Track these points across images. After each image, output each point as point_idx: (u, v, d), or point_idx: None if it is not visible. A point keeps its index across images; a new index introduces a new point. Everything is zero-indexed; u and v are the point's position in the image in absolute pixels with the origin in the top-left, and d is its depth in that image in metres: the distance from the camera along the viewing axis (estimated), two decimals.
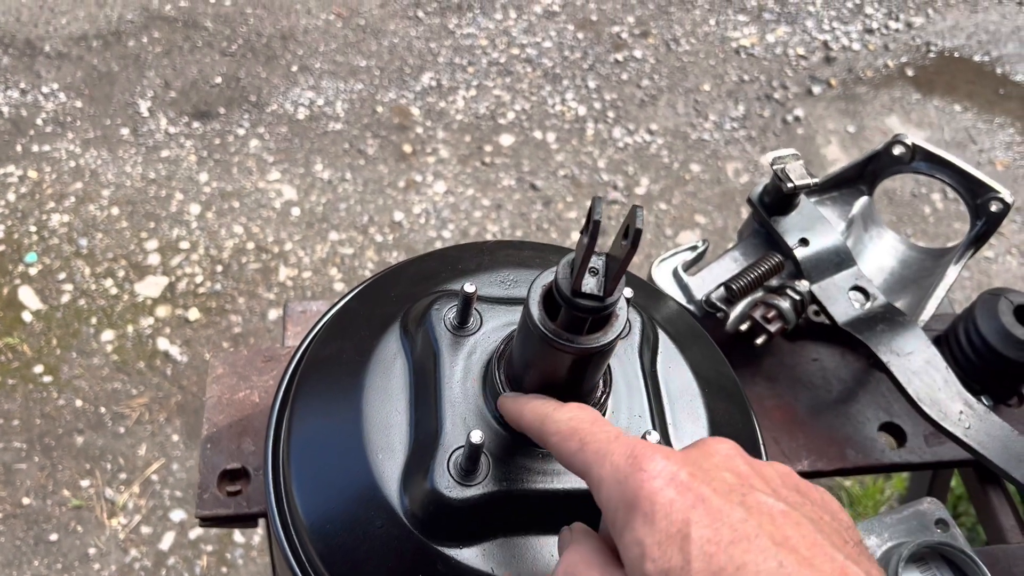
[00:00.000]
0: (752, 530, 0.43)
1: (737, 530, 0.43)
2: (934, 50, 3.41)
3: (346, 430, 0.66)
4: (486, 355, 0.66)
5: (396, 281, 0.77)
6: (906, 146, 1.02)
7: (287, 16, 3.22)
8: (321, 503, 0.66)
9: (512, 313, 0.68)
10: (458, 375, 0.65)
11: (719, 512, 0.43)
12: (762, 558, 0.41)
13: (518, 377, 0.61)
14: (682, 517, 0.43)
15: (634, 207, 0.50)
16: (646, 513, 0.44)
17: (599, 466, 0.49)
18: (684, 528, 0.43)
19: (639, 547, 0.44)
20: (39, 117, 2.83)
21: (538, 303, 0.57)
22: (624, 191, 2.85)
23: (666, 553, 0.43)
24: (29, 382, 2.30)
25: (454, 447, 0.61)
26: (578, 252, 0.53)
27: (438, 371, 0.65)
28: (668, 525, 0.43)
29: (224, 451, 0.93)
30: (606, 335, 0.56)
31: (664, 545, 0.43)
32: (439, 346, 0.66)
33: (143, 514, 2.13)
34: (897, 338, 0.94)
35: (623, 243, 0.51)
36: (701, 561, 0.42)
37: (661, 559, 0.43)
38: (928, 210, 2.92)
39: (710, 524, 0.43)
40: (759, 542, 0.42)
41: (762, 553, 0.41)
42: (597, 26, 3.35)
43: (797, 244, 0.99)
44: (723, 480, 0.46)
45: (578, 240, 0.53)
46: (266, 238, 2.62)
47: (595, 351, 0.56)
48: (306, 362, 0.74)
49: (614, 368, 0.67)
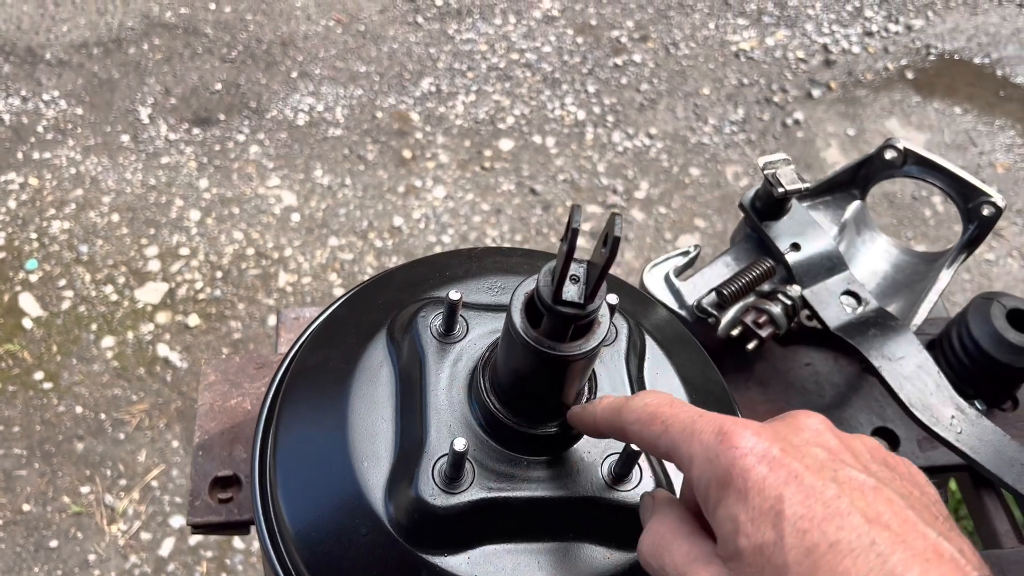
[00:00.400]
0: (845, 507, 0.43)
1: (830, 507, 0.43)
2: (934, 53, 3.40)
3: (332, 438, 0.66)
4: (472, 362, 0.66)
5: (384, 288, 0.77)
6: (898, 150, 1.02)
7: (287, 22, 3.23)
8: (307, 511, 0.66)
9: (499, 320, 0.68)
10: (444, 383, 0.65)
11: (811, 489, 0.44)
12: (855, 535, 0.41)
13: (502, 384, 0.61)
14: (775, 494, 0.44)
15: (612, 215, 0.50)
16: (739, 490, 0.45)
17: (687, 444, 0.49)
18: (777, 504, 0.43)
19: (732, 523, 0.45)
20: (40, 124, 2.84)
21: (520, 311, 0.57)
22: (623, 195, 2.85)
23: (759, 529, 0.43)
24: (29, 388, 2.31)
25: (439, 455, 0.61)
26: (558, 260, 0.53)
27: (424, 379, 0.65)
28: (761, 502, 0.44)
29: (216, 458, 0.93)
30: (588, 342, 0.56)
31: (757, 521, 0.44)
32: (425, 354, 0.66)
33: (143, 520, 2.14)
34: (889, 343, 0.93)
35: (602, 250, 0.51)
36: (794, 537, 0.42)
37: (755, 535, 0.43)
38: (928, 213, 2.91)
39: (803, 501, 0.43)
40: (852, 519, 0.42)
41: (855, 530, 0.42)
42: (596, 31, 3.35)
43: (789, 249, 0.99)
44: (814, 456, 0.46)
45: (559, 248, 0.53)
46: (266, 244, 2.63)
47: (578, 358, 0.56)
48: (293, 370, 0.74)
49: (600, 374, 0.67)
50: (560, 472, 0.63)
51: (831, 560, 0.41)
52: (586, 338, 0.56)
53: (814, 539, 0.42)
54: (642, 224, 2.79)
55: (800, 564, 0.42)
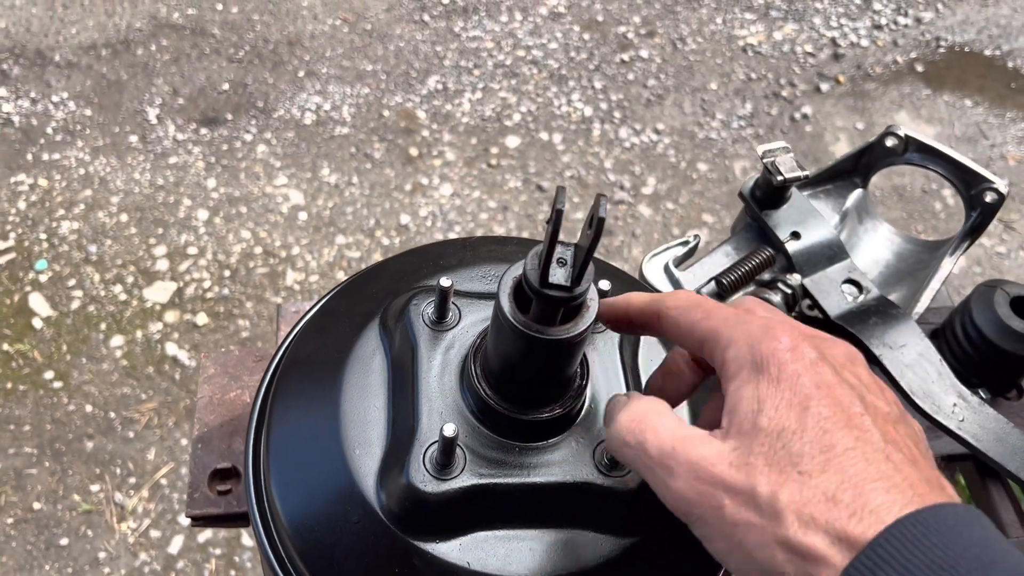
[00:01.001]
0: (867, 424, 0.46)
1: (853, 420, 0.46)
2: (944, 45, 3.38)
3: (324, 427, 0.66)
4: (464, 349, 0.66)
5: (377, 278, 0.77)
6: (899, 137, 1.01)
7: (294, 22, 3.24)
8: (300, 500, 0.66)
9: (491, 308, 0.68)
10: (435, 370, 0.65)
11: (839, 399, 0.46)
12: (871, 448, 0.44)
13: (492, 370, 0.61)
14: (805, 392, 0.47)
15: (598, 196, 0.50)
16: (773, 376, 0.48)
17: (730, 329, 0.52)
18: (805, 401, 0.46)
19: (758, 402, 0.47)
20: (49, 126, 2.86)
21: (508, 295, 0.57)
22: (631, 191, 2.84)
23: (783, 415, 0.46)
24: (40, 388, 2.32)
25: (430, 442, 0.61)
26: (544, 242, 0.52)
27: (415, 366, 0.65)
28: (792, 394, 0.47)
29: (215, 451, 0.93)
30: (577, 325, 0.56)
31: (782, 408, 0.46)
32: (417, 341, 0.66)
33: (152, 518, 2.14)
34: (890, 331, 0.92)
35: (588, 232, 0.51)
36: (814, 432, 0.45)
37: (777, 418, 0.46)
38: (939, 206, 2.89)
39: (829, 406, 0.46)
40: (872, 435, 0.45)
41: (872, 444, 0.45)
42: (603, 27, 3.34)
43: (789, 237, 0.98)
44: (847, 375, 0.49)
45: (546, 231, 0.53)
46: (273, 243, 2.63)
47: (567, 342, 0.56)
48: (286, 361, 0.74)
49: (593, 361, 0.66)
50: (552, 458, 0.62)
51: (844, 462, 0.43)
52: (575, 321, 0.56)
53: (832, 439, 0.44)
54: (649, 220, 2.78)
55: (814, 457, 0.44)
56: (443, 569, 0.60)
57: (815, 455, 0.44)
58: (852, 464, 0.43)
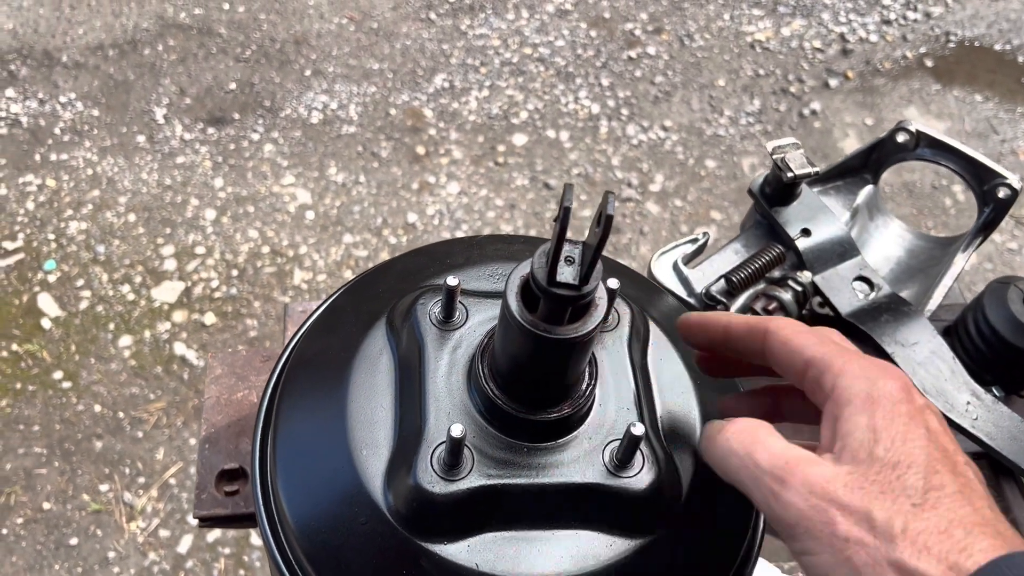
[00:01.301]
0: (970, 474, 0.51)
1: (956, 467, 0.50)
2: (954, 40, 3.36)
3: (331, 427, 0.65)
4: (471, 349, 0.65)
5: (383, 277, 0.76)
6: (910, 133, 1.00)
7: (300, 21, 3.23)
8: (306, 502, 0.65)
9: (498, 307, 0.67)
10: (443, 369, 0.64)
11: (945, 447, 0.51)
12: (976, 496, 0.49)
13: (500, 370, 0.61)
14: (916, 432, 0.51)
15: (606, 193, 0.49)
16: (888, 412, 0.52)
17: (845, 361, 0.55)
18: (917, 440, 0.50)
19: (873, 433, 0.51)
20: (57, 126, 2.86)
21: (516, 294, 0.56)
22: (639, 188, 2.83)
23: (899, 449, 0.50)
24: (49, 388, 2.33)
25: (438, 442, 0.60)
26: (551, 240, 0.52)
27: (423, 366, 0.64)
28: (906, 431, 0.51)
29: (222, 451, 0.93)
30: (586, 324, 0.55)
31: (898, 443, 0.50)
32: (424, 340, 0.65)
33: (161, 518, 2.15)
34: (902, 328, 0.91)
35: (596, 230, 0.50)
36: (927, 471, 0.49)
37: (893, 451, 0.50)
38: (949, 202, 2.87)
39: (939, 450, 0.51)
40: (974, 484, 0.50)
41: (976, 492, 0.50)
42: (610, 23, 3.33)
43: (799, 234, 0.97)
44: (945, 426, 0.54)
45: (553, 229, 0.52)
46: (281, 242, 2.63)
47: (575, 341, 0.55)
48: (292, 360, 0.74)
49: (602, 360, 0.66)
50: (561, 459, 0.62)
51: (953, 504, 0.48)
52: (583, 320, 0.55)
53: (942, 481, 0.49)
54: (657, 217, 2.77)
55: (927, 494, 0.48)
56: (451, 570, 0.60)
57: (927, 492, 0.48)
58: (960, 507, 0.48)
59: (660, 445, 0.63)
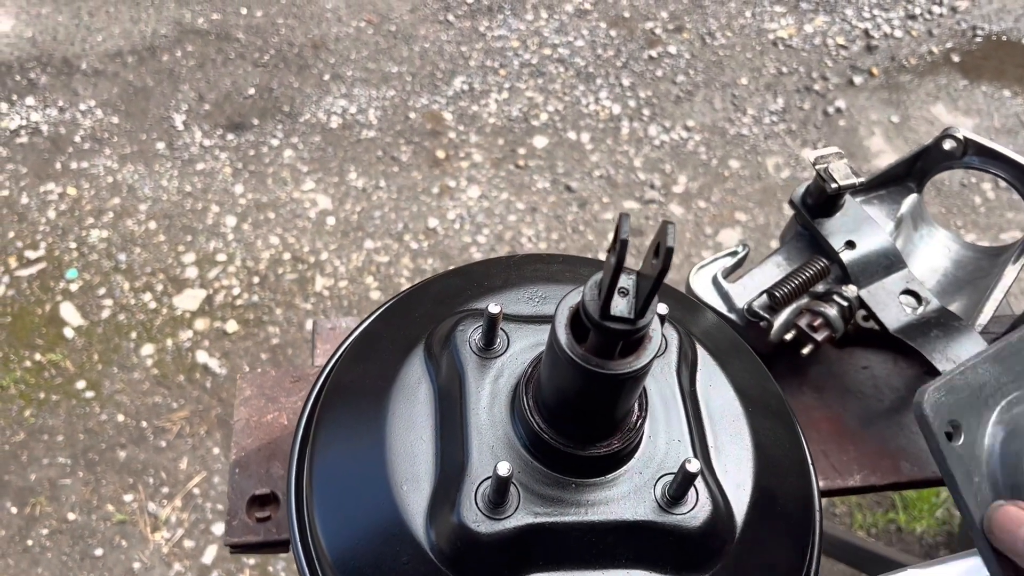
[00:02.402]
0: None
1: None
2: (981, 34, 3.30)
3: (369, 460, 0.63)
4: (514, 378, 0.63)
5: (420, 301, 0.74)
6: (957, 140, 0.97)
7: (318, 25, 3.22)
8: (345, 536, 0.63)
9: (541, 332, 0.65)
10: (484, 400, 0.62)
11: None
12: None
13: (547, 402, 0.58)
14: None
15: (664, 223, 0.46)
16: None
17: None
18: None
19: None
20: (77, 134, 2.86)
21: (565, 326, 0.53)
22: (662, 190, 2.80)
23: None
24: (72, 398, 2.32)
25: (482, 478, 0.58)
26: (605, 273, 0.49)
27: (464, 397, 0.62)
28: None
29: (253, 475, 0.91)
30: (639, 359, 0.53)
31: None
32: (464, 370, 0.63)
33: (186, 528, 2.14)
34: (953, 344, 0.88)
35: (653, 262, 0.47)
36: None
37: None
38: (979, 200, 2.82)
39: None
40: None
41: None
42: (630, 23, 3.30)
43: (843, 247, 0.94)
44: None
45: (605, 259, 0.50)
46: (302, 248, 2.62)
47: (628, 376, 0.53)
48: (329, 387, 0.71)
49: (650, 389, 0.63)
50: (611, 495, 0.59)
51: None
52: (636, 354, 0.53)
53: None
54: (681, 219, 2.74)
55: None
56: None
57: None
58: None
59: (714, 479, 0.61)
